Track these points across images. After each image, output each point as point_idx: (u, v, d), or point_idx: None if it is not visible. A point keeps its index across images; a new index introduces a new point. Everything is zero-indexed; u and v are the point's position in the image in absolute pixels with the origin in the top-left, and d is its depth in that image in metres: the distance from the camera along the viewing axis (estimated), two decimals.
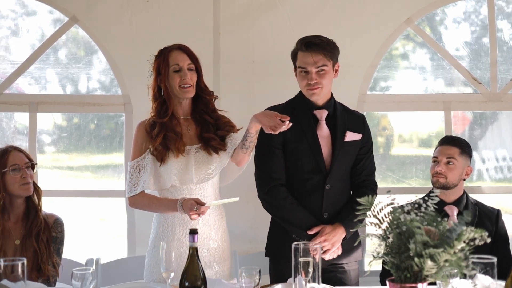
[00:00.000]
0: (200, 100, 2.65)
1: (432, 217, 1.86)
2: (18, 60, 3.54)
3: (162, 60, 2.59)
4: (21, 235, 2.60)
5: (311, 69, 2.59)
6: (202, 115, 2.64)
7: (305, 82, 2.62)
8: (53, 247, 2.64)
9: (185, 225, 2.56)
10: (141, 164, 2.58)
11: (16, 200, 2.62)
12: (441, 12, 3.69)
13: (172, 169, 2.54)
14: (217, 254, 2.61)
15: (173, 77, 2.57)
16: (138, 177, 2.58)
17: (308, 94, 2.64)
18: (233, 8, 3.49)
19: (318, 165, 2.63)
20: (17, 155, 2.64)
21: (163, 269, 2.15)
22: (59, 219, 2.71)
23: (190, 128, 2.64)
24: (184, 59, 2.59)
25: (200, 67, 2.64)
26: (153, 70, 2.63)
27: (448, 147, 2.95)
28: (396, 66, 3.70)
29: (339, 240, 2.59)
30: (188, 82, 2.57)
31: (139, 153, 2.60)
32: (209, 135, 2.60)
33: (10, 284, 1.79)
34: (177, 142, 2.54)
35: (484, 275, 1.91)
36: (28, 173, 2.62)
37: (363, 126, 2.76)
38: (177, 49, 2.61)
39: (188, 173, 2.55)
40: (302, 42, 2.62)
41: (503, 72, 3.59)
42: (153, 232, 2.64)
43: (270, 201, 2.67)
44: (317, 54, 2.58)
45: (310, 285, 2.09)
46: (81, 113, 3.59)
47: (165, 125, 2.56)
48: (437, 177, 2.91)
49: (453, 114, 3.60)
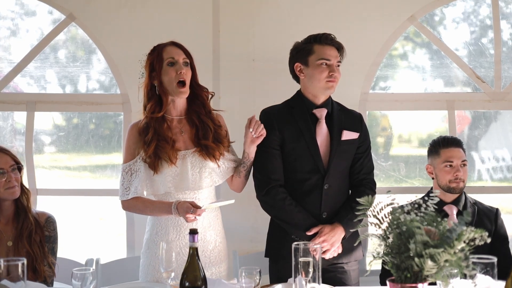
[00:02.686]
0: (196, 99, 2.59)
1: (432, 217, 1.86)
2: (18, 60, 3.53)
3: (156, 55, 2.53)
4: (13, 236, 2.57)
5: (334, 62, 2.62)
6: (199, 116, 2.57)
7: (326, 74, 2.61)
8: (47, 246, 2.62)
9: (179, 228, 2.53)
10: (133, 168, 2.53)
11: (4, 203, 2.59)
12: (440, 13, 3.68)
13: (167, 176, 2.50)
14: (212, 256, 2.59)
15: (167, 71, 2.51)
16: (130, 181, 2.53)
17: (327, 87, 2.63)
18: (233, 6, 3.47)
19: (316, 165, 2.63)
20: (2, 157, 2.58)
21: (163, 269, 2.15)
22: (50, 217, 2.67)
23: (184, 130, 2.58)
24: (179, 53, 2.54)
25: (194, 64, 2.59)
26: (146, 68, 2.56)
27: (457, 149, 2.93)
28: (396, 66, 3.69)
29: (338, 240, 2.59)
30: (183, 76, 2.50)
31: (131, 157, 2.55)
32: (206, 143, 2.53)
33: (10, 284, 1.78)
34: (168, 151, 2.47)
35: (484, 275, 1.91)
36: (14, 176, 2.57)
37: (360, 125, 2.75)
38: (171, 45, 2.57)
39: (183, 180, 2.50)
40: (323, 35, 2.64)
41: (507, 70, 3.58)
42: (147, 233, 2.62)
43: (269, 202, 2.66)
44: (335, 49, 2.65)
45: (310, 285, 2.08)
46: (79, 112, 3.58)
47: (157, 132, 2.49)
48: (458, 182, 2.89)
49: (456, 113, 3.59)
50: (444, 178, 2.91)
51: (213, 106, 2.67)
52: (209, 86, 2.71)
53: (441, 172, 2.92)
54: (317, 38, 2.65)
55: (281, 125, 2.66)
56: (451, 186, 2.90)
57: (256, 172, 2.68)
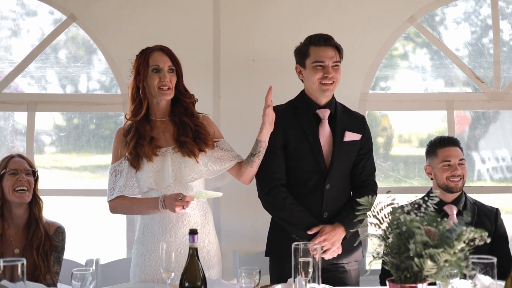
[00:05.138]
0: (179, 103, 2.63)
1: (432, 217, 1.86)
2: (18, 61, 3.53)
3: (143, 60, 2.57)
4: (22, 245, 2.60)
5: (329, 63, 2.61)
6: (180, 117, 2.61)
7: (319, 75, 2.61)
8: (53, 255, 2.64)
9: (164, 227, 2.53)
10: (118, 169, 2.58)
11: (16, 210, 2.62)
12: (441, 13, 3.69)
13: (148, 172, 2.53)
14: (203, 253, 2.55)
15: (152, 77, 2.55)
16: (115, 182, 2.57)
17: (321, 89, 2.63)
18: (234, 6, 3.47)
19: (318, 165, 2.64)
20: (19, 161, 2.65)
21: (163, 269, 2.15)
22: (60, 227, 2.71)
23: (167, 130, 2.62)
24: (164, 60, 2.57)
25: (181, 70, 2.63)
26: (133, 70, 2.61)
27: (454, 148, 2.94)
28: (396, 66, 3.70)
29: (339, 239, 2.59)
30: (166, 84, 2.55)
31: (116, 158, 2.61)
32: (185, 139, 2.57)
33: (10, 284, 1.79)
34: (146, 147, 2.52)
35: (484, 275, 1.91)
36: (26, 178, 2.61)
37: (363, 127, 2.76)
38: (158, 50, 2.59)
39: (164, 175, 2.53)
40: (317, 37, 2.64)
41: (506, 71, 3.58)
42: (136, 234, 2.64)
43: (270, 201, 2.67)
44: (333, 49, 2.63)
45: (310, 285, 2.09)
46: (80, 112, 3.58)
47: (138, 131, 2.56)
48: (456, 181, 2.90)
49: (455, 114, 3.59)
50: (443, 178, 2.92)
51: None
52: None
53: (440, 172, 2.93)
54: (312, 39, 2.65)
55: (285, 125, 2.66)
56: (449, 185, 2.91)
57: (258, 171, 2.68)
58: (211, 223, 2.64)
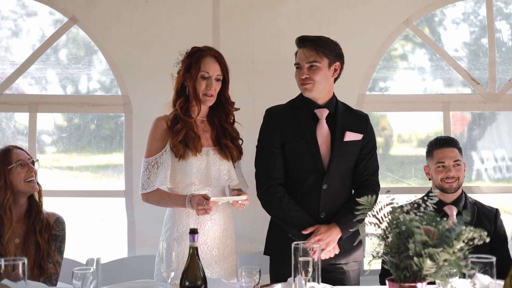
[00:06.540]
0: (221, 107, 2.69)
1: (431, 216, 1.87)
2: (19, 61, 3.54)
3: (195, 62, 2.62)
4: (22, 233, 2.61)
5: (303, 64, 2.63)
6: (221, 122, 2.69)
7: (298, 77, 2.66)
8: (54, 245, 2.66)
9: (199, 226, 2.58)
10: (159, 160, 2.61)
11: (20, 199, 2.64)
12: (440, 13, 3.70)
13: (192, 167, 2.58)
14: (226, 251, 2.65)
15: (199, 82, 2.61)
16: (157, 174, 2.60)
17: (301, 90, 2.69)
18: (233, 9, 3.49)
19: (315, 164, 2.64)
20: (20, 152, 2.67)
21: (163, 269, 2.15)
22: (60, 217, 2.73)
23: (206, 130, 2.68)
24: (215, 68, 2.63)
25: (228, 77, 2.69)
26: (182, 65, 2.65)
27: (450, 149, 2.95)
28: (395, 67, 3.71)
29: (334, 240, 2.59)
30: (211, 92, 2.61)
31: (157, 150, 2.62)
32: (227, 142, 2.65)
33: (11, 283, 1.79)
34: (195, 141, 2.58)
35: (483, 275, 1.91)
36: (34, 168, 2.66)
37: (365, 126, 2.75)
38: (211, 57, 2.64)
39: (208, 174, 2.60)
40: (298, 38, 2.67)
41: (502, 72, 3.60)
42: (167, 232, 2.63)
43: (267, 200, 2.68)
44: (309, 50, 2.63)
45: (309, 284, 2.09)
46: (81, 113, 3.59)
47: (186, 123, 2.60)
48: (450, 183, 2.92)
49: (452, 114, 3.61)
50: (437, 179, 2.95)
51: None
52: None
53: (435, 173, 2.96)
54: (296, 40, 2.69)
55: (283, 124, 2.67)
56: (444, 186, 2.93)
57: (257, 170, 2.70)
58: (231, 220, 2.74)
